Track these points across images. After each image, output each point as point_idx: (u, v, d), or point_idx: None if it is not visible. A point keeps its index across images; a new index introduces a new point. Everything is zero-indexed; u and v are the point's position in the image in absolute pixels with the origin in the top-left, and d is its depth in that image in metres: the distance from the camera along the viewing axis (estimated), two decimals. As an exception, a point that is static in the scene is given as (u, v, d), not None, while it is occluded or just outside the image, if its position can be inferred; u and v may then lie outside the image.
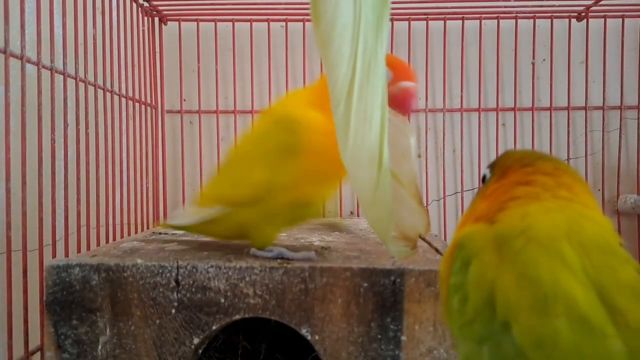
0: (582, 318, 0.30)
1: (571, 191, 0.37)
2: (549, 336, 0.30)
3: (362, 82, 0.39)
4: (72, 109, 0.65)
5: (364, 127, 0.39)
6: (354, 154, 0.39)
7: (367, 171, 0.40)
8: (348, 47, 0.38)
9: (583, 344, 0.29)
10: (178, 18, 0.96)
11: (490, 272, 0.34)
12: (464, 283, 0.35)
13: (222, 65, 0.98)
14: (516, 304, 0.32)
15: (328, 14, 0.38)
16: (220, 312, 0.50)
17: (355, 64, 0.38)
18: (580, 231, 0.34)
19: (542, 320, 0.30)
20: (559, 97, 0.96)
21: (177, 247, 0.59)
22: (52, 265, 0.50)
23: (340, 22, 0.38)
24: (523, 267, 0.33)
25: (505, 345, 0.31)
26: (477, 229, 0.37)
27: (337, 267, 0.49)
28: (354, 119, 0.39)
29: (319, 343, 0.49)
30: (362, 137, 0.39)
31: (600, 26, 0.94)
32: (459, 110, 0.96)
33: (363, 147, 0.39)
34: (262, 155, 0.52)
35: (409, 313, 0.48)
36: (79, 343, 0.50)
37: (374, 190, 0.40)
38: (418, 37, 0.96)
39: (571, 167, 0.39)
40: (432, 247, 0.61)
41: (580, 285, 0.31)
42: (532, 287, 0.32)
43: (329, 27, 0.38)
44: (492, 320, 0.33)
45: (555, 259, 0.32)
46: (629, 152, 0.95)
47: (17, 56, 0.55)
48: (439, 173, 0.97)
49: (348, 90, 0.39)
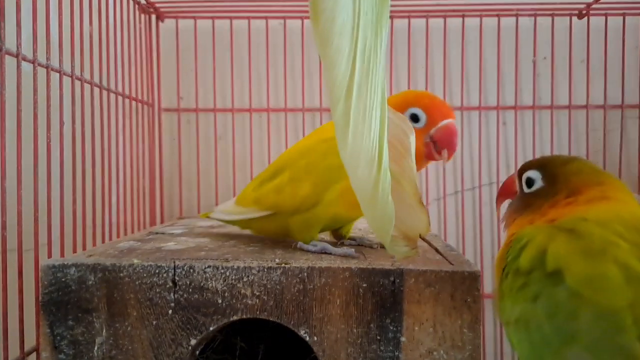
0: (627, 266, 0.33)
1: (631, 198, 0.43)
2: (599, 275, 0.33)
3: (361, 80, 0.38)
4: (68, 107, 0.65)
5: (363, 126, 0.39)
6: (353, 153, 0.39)
7: (366, 170, 0.39)
8: (347, 45, 0.38)
9: (630, 284, 0.33)
10: (175, 15, 0.95)
11: (544, 239, 0.38)
12: (519, 257, 0.40)
13: (220, 63, 0.97)
14: (567, 253, 0.35)
15: (327, 12, 0.37)
16: (217, 313, 0.49)
17: (355, 63, 0.38)
18: (631, 218, 0.38)
19: (592, 263, 0.34)
20: (560, 96, 0.95)
21: (174, 247, 0.59)
22: (48, 265, 0.50)
23: (339, 19, 0.37)
24: (575, 230, 0.37)
25: (557, 293, 0.34)
26: (535, 225, 0.42)
27: (336, 267, 0.48)
28: (353, 117, 0.38)
29: (317, 344, 0.48)
30: (361, 136, 0.39)
31: (601, 24, 0.93)
32: (459, 109, 0.95)
33: (362, 146, 0.39)
34: (312, 172, 0.56)
35: (408, 314, 0.48)
36: (75, 344, 0.50)
37: (374, 190, 0.39)
38: (418, 35, 0.96)
39: None
40: (432, 247, 0.60)
41: (627, 245, 0.35)
42: (584, 240, 0.36)
43: (328, 24, 0.38)
44: (543, 274, 0.36)
45: (606, 229, 0.37)
46: (629, 152, 0.95)
47: (12, 54, 0.54)
48: (438, 172, 0.97)
49: (347, 89, 0.38)
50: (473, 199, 0.96)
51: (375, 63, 0.38)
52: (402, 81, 0.96)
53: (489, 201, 0.96)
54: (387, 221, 0.41)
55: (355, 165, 0.39)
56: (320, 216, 0.56)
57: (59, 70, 0.63)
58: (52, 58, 0.61)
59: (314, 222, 0.57)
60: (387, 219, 0.41)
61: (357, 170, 0.39)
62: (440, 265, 0.49)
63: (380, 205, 0.40)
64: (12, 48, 0.54)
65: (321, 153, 0.57)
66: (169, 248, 0.58)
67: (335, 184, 0.55)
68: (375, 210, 0.41)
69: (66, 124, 0.66)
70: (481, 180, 0.95)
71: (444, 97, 0.95)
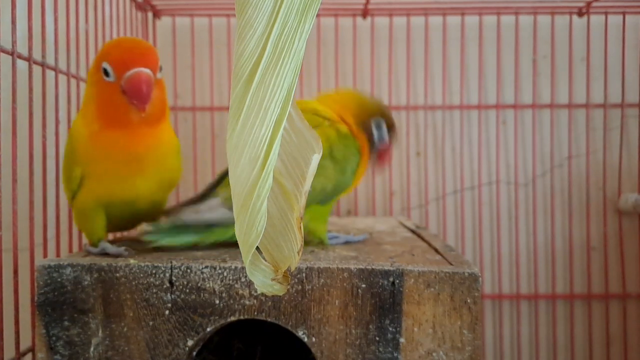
0: None
1: None
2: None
3: (268, 66, 0.34)
4: (64, 105, 0.64)
5: (257, 117, 0.34)
6: (239, 143, 0.34)
7: (247, 167, 0.34)
8: (263, 22, 0.34)
9: None
10: (172, 13, 0.94)
11: None
12: None
13: (217, 61, 0.96)
14: None
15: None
16: (215, 314, 0.49)
17: (267, 44, 0.34)
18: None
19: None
20: (560, 95, 0.95)
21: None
22: (43, 265, 0.49)
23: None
24: None
25: None
26: None
27: (334, 268, 0.48)
28: (248, 104, 0.34)
29: (315, 345, 0.48)
30: (252, 127, 0.34)
31: (601, 22, 0.93)
32: (458, 108, 0.95)
33: (250, 139, 0.34)
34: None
35: (407, 315, 0.47)
36: (71, 344, 0.49)
37: (249, 194, 0.34)
38: (417, 33, 0.95)
39: None
40: (431, 247, 0.60)
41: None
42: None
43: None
44: None
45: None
46: (630, 151, 0.94)
47: (7, 52, 0.54)
48: (438, 171, 0.96)
49: (251, 71, 0.34)
50: (472, 198, 0.96)
51: (290, 54, 0.34)
52: (402, 80, 0.96)
53: (488, 200, 0.95)
54: (254, 232, 0.34)
55: (237, 159, 0.35)
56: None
57: (55, 68, 0.62)
58: (47, 56, 0.60)
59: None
60: (255, 230, 0.34)
61: (238, 164, 0.35)
62: (440, 266, 0.48)
63: (251, 214, 0.34)
64: (7, 45, 0.54)
65: None
66: (166, 248, 0.58)
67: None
68: (245, 218, 0.34)
69: (62, 122, 0.65)
70: (481, 179, 0.95)
71: (444, 95, 0.94)
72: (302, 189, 0.36)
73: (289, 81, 0.34)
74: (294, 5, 0.34)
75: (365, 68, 0.96)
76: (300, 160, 0.37)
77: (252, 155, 0.34)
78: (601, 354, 0.94)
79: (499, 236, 0.95)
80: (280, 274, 0.36)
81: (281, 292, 0.36)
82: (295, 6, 0.34)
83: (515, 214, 0.95)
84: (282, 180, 0.36)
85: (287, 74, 0.34)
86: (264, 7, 0.33)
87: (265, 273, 0.36)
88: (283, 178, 0.37)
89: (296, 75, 0.35)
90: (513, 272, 0.95)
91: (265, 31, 0.34)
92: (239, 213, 0.35)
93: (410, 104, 0.96)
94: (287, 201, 0.36)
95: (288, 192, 0.36)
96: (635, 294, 0.93)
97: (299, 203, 0.36)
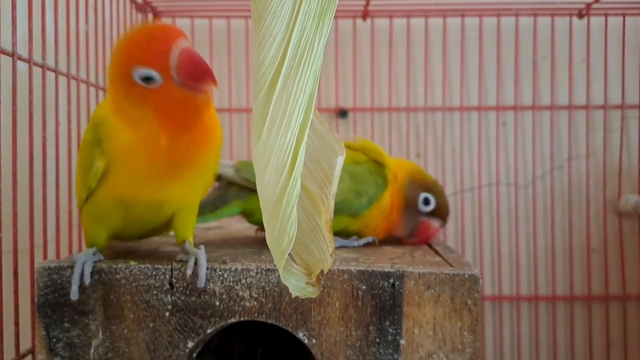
0: None
1: None
2: None
3: (290, 73, 0.34)
4: (64, 106, 0.64)
5: (282, 124, 0.34)
6: (265, 151, 0.34)
7: (275, 175, 0.34)
8: (282, 29, 0.34)
9: None
10: (172, 14, 0.94)
11: None
12: None
13: (217, 62, 0.96)
14: None
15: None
16: (215, 316, 0.49)
17: (287, 51, 0.34)
18: None
19: None
20: (560, 96, 0.95)
21: (171, 249, 0.58)
22: (44, 267, 0.49)
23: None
24: None
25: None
26: None
27: (335, 270, 0.48)
28: (272, 111, 0.34)
29: (316, 347, 0.48)
30: (277, 134, 0.34)
31: (601, 24, 0.93)
32: (458, 109, 0.95)
33: (276, 146, 0.34)
34: None
35: (408, 316, 0.47)
36: (71, 346, 0.49)
37: (279, 199, 0.34)
38: (417, 34, 0.95)
39: None
40: (431, 248, 0.60)
41: None
42: None
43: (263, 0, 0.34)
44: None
45: None
46: (630, 152, 0.94)
47: (8, 53, 0.54)
48: (438, 173, 0.96)
49: (273, 78, 0.34)
50: (472, 199, 0.96)
51: (310, 59, 0.34)
52: (401, 81, 0.96)
53: (488, 202, 0.95)
54: (286, 238, 0.35)
55: (265, 167, 0.35)
56: None
57: (55, 69, 0.62)
58: (47, 57, 0.60)
59: None
60: (287, 236, 0.35)
61: (264, 172, 0.35)
62: (441, 268, 0.48)
63: (281, 221, 0.34)
64: (8, 47, 0.54)
65: None
66: (166, 249, 0.58)
67: None
68: (276, 225, 0.34)
69: (62, 124, 0.65)
70: (481, 180, 0.95)
71: (444, 97, 0.94)
72: (327, 191, 0.36)
73: (310, 86, 0.34)
74: (311, 10, 0.34)
75: (366, 70, 0.96)
76: (323, 164, 0.37)
77: (279, 163, 0.34)
78: (601, 355, 0.94)
79: (499, 237, 0.95)
80: (313, 277, 0.36)
81: (314, 295, 0.36)
82: (313, 10, 0.34)
83: (515, 215, 0.95)
84: (307, 184, 0.36)
85: (309, 79, 0.34)
86: (282, 13, 0.33)
87: (298, 277, 0.36)
88: (308, 182, 0.36)
89: (317, 79, 0.34)
90: (513, 273, 0.95)
91: (284, 37, 0.34)
92: (269, 220, 0.35)
93: (411, 105, 0.96)
94: (313, 205, 0.36)
95: (313, 196, 0.37)
96: (636, 296, 0.93)
97: (326, 206, 0.36)
